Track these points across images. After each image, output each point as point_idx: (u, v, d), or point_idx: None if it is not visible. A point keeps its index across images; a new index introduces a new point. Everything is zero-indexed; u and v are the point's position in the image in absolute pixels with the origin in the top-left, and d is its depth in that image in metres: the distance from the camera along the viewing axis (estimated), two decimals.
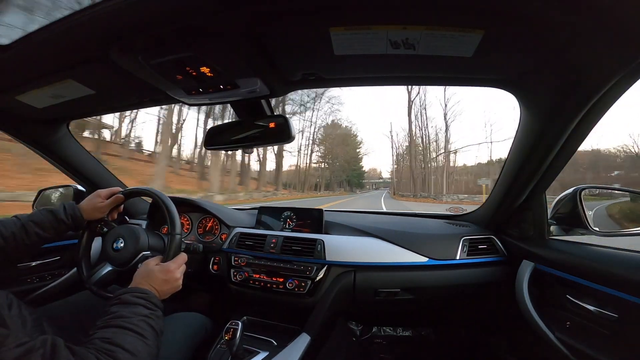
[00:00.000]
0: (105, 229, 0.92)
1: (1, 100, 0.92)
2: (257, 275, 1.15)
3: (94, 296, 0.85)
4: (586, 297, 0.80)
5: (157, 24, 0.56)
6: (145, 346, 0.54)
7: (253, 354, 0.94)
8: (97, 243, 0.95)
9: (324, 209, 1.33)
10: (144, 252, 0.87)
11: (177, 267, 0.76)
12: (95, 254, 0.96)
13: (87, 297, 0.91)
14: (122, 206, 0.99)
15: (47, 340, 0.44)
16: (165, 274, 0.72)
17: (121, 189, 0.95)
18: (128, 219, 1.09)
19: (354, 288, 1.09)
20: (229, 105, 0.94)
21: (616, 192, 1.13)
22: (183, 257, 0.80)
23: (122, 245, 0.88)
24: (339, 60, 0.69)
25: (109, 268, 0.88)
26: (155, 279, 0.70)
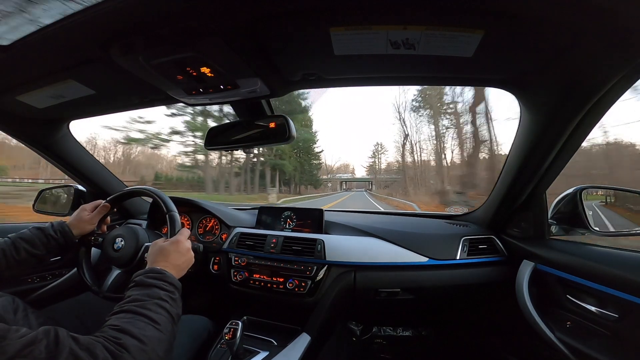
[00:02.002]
0: (100, 239, 0.92)
1: (1, 100, 0.92)
2: (258, 275, 1.15)
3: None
4: (586, 297, 0.80)
5: (157, 24, 0.56)
6: (156, 332, 0.52)
7: (253, 353, 0.94)
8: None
9: (324, 209, 1.33)
10: (146, 244, 0.87)
11: (185, 238, 0.77)
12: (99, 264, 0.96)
13: (93, 298, 0.91)
14: (109, 217, 0.99)
15: (50, 331, 0.43)
16: (176, 245, 0.72)
17: (103, 200, 0.95)
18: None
19: (354, 288, 1.09)
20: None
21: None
22: (186, 230, 0.80)
23: (122, 243, 0.88)
24: (339, 60, 0.69)
25: (116, 272, 0.88)
26: (168, 253, 0.70)
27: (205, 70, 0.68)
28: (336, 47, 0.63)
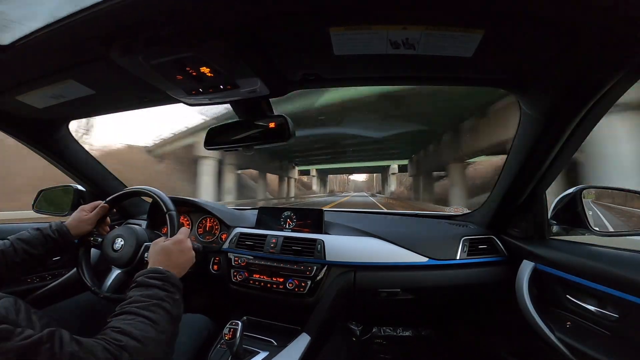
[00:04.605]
0: (99, 240, 0.92)
1: (1, 100, 0.92)
2: (257, 276, 1.15)
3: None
4: (586, 297, 0.79)
5: (157, 24, 0.56)
6: (157, 333, 0.52)
7: (253, 354, 0.95)
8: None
9: (324, 209, 1.33)
10: (146, 243, 0.87)
11: (185, 237, 0.77)
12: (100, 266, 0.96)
13: (93, 298, 0.91)
14: (108, 218, 0.99)
15: (54, 333, 0.44)
16: (177, 244, 0.73)
17: (102, 200, 0.95)
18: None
19: (354, 288, 1.09)
20: None
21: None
22: (186, 229, 0.81)
23: (122, 243, 0.88)
24: (339, 60, 0.69)
25: (116, 272, 0.88)
26: (169, 252, 0.70)
27: (204, 70, 0.68)
28: (336, 47, 0.63)
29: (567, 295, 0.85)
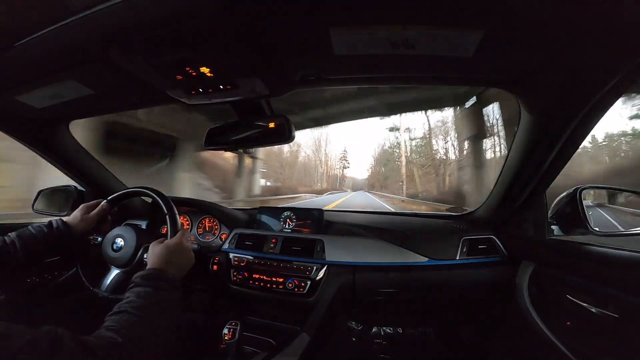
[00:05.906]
0: (99, 239, 0.92)
1: (1, 100, 0.91)
2: (257, 275, 1.15)
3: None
4: (586, 297, 0.79)
5: (157, 24, 0.56)
6: (153, 332, 0.53)
7: (253, 354, 0.94)
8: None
9: (324, 209, 1.33)
10: (145, 244, 0.87)
11: (185, 239, 0.78)
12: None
13: (92, 298, 0.91)
14: (109, 217, 0.99)
15: (51, 331, 0.44)
16: (176, 246, 0.73)
17: (104, 199, 0.95)
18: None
19: (353, 288, 1.09)
20: None
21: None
22: (186, 230, 0.81)
23: (121, 243, 0.87)
24: (339, 60, 0.69)
25: (115, 272, 0.88)
26: (168, 254, 0.70)
27: (204, 70, 0.68)
28: (336, 46, 0.63)
29: (567, 295, 0.85)
